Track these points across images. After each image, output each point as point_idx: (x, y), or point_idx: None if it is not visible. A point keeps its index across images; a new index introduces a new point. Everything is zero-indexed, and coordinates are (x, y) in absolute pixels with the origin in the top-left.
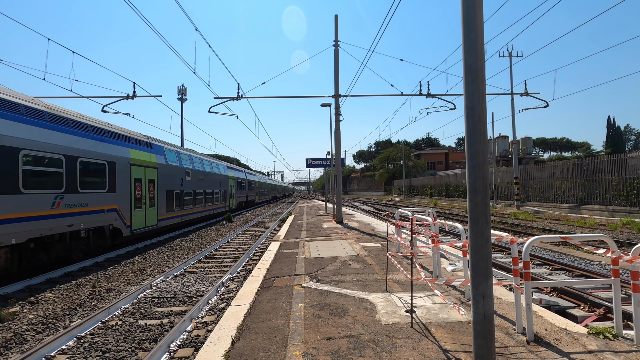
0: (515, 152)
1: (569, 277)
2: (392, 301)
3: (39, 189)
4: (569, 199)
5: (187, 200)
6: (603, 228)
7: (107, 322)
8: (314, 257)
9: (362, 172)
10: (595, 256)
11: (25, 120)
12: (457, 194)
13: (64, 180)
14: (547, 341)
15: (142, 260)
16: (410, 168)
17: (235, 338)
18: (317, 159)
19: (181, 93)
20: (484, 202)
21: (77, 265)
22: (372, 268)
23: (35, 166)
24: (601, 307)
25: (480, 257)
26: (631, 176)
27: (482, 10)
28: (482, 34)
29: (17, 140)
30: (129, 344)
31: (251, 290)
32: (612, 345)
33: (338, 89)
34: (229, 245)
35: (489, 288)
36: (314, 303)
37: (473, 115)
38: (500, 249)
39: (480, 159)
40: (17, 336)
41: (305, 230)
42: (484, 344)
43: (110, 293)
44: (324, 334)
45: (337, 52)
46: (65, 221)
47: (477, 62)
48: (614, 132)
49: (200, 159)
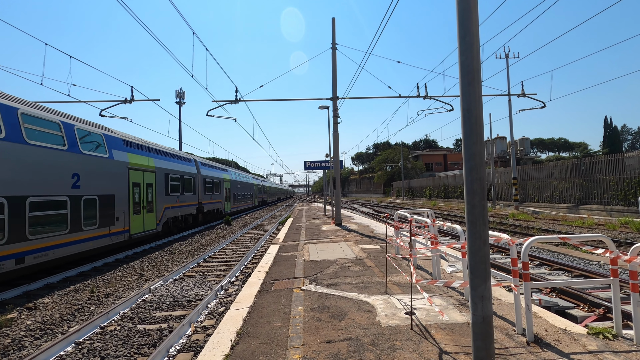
0: (513, 153)
1: (568, 277)
2: (392, 303)
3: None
4: (567, 199)
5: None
6: (601, 228)
7: (105, 327)
8: (313, 259)
9: (361, 174)
10: (594, 256)
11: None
12: (455, 195)
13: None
14: (547, 342)
15: (141, 264)
16: (408, 169)
17: (235, 342)
18: (316, 162)
19: (179, 97)
20: (481, 203)
21: (75, 270)
22: (372, 270)
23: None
24: (601, 307)
25: (478, 259)
26: (629, 176)
27: (477, 13)
28: (478, 36)
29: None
30: (128, 349)
31: (250, 293)
32: (612, 345)
33: (336, 91)
34: (228, 249)
35: (488, 290)
36: (314, 306)
37: (470, 117)
38: (499, 249)
39: (477, 160)
40: (15, 342)
41: (304, 232)
42: (483, 345)
43: (109, 298)
44: (323, 337)
45: (334, 55)
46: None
47: (473, 64)
48: (611, 132)
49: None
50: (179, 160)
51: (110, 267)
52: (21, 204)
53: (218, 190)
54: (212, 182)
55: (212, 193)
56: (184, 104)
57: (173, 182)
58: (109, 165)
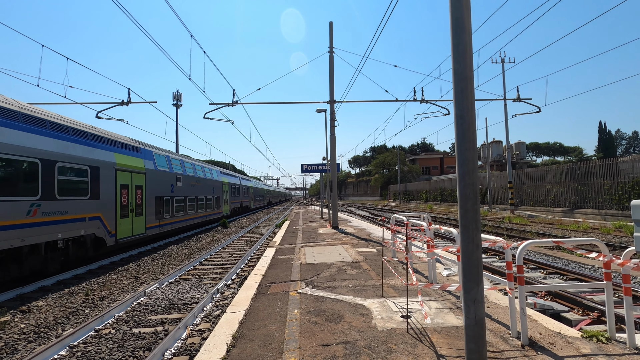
0: (509, 157)
1: (562, 280)
2: (388, 306)
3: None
4: (562, 203)
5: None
6: (596, 232)
7: (100, 330)
8: (309, 262)
9: (358, 178)
10: (589, 260)
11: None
12: (452, 199)
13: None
14: (542, 345)
15: (136, 267)
16: (405, 173)
17: (231, 345)
18: (313, 165)
19: (176, 99)
20: (474, 208)
21: (70, 273)
22: (368, 273)
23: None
24: (595, 310)
25: (471, 262)
26: (623, 180)
27: (470, 22)
28: (471, 45)
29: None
30: (123, 353)
31: (246, 296)
32: (606, 348)
33: (333, 95)
34: (224, 252)
35: (480, 293)
36: (310, 309)
37: (462, 123)
38: (495, 253)
39: (470, 166)
40: (8, 346)
41: (300, 235)
42: (476, 348)
43: (104, 301)
44: (319, 340)
45: (332, 58)
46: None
47: (466, 71)
48: (605, 137)
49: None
50: (234, 177)
51: (105, 269)
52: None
53: (247, 194)
54: (247, 189)
55: (246, 195)
56: (181, 106)
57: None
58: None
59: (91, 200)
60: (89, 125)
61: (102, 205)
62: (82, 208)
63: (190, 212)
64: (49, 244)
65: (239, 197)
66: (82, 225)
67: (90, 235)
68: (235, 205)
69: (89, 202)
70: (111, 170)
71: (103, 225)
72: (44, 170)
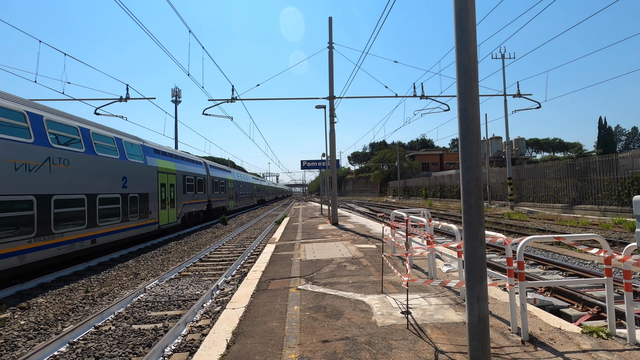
0: (509, 153)
1: (562, 276)
2: (388, 303)
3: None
4: (562, 199)
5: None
6: (595, 228)
7: (100, 327)
8: (309, 259)
9: (357, 174)
10: (589, 255)
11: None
12: (451, 195)
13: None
14: (542, 341)
15: (136, 264)
16: (405, 169)
17: (231, 342)
18: (312, 161)
19: (175, 95)
20: (477, 204)
21: (70, 270)
22: (368, 270)
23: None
24: (595, 306)
25: (474, 259)
26: (622, 176)
27: (475, 12)
28: (475, 36)
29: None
30: (123, 349)
31: (246, 293)
32: (606, 344)
33: (332, 90)
34: (224, 248)
35: (484, 290)
36: (310, 305)
37: (466, 117)
38: (495, 249)
39: (473, 160)
40: (7, 343)
41: (300, 232)
42: (479, 346)
43: (104, 297)
44: (319, 336)
45: (331, 54)
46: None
47: (470, 64)
48: (605, 133)
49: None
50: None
51: (105, 266)
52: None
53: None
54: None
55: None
56: (180, 102)
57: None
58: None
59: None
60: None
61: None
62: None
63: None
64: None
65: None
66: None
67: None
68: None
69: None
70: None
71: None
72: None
